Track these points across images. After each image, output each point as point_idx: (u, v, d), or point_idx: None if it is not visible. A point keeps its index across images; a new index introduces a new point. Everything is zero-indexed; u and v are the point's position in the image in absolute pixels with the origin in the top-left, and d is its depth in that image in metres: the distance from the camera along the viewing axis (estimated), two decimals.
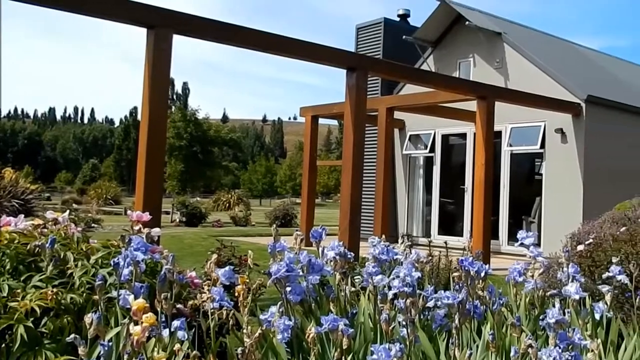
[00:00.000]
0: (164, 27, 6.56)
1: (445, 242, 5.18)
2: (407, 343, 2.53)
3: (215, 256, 3.19)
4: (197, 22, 7.10)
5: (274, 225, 3.50)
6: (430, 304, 3.07)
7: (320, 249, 3.40)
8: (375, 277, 3.05)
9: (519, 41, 13.75)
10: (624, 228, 4.88)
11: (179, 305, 2.87)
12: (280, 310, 2.79)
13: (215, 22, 7.29)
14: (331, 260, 3.30)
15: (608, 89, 14.07)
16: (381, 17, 16.22)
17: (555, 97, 11.93)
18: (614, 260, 3.58)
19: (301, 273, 3.05)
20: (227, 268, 2.98)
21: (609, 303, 3.29)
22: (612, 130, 12.73)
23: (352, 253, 3.46)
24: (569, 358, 2.37)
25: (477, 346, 2.83)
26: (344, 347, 2.45)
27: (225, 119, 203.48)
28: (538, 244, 12.96)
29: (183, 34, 6.96)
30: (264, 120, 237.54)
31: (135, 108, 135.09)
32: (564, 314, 2.87)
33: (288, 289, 2.90)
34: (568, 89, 12.31)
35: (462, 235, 13.01)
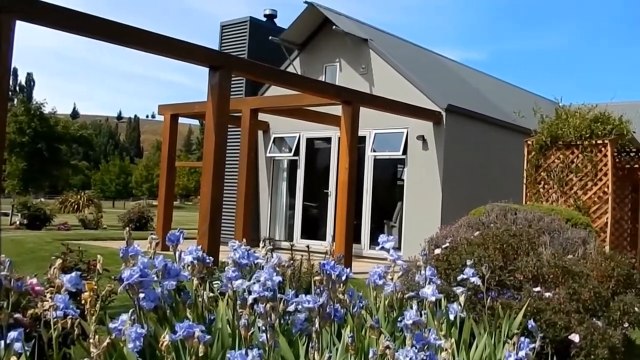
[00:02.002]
0: (4, 11, 6.12)
1: (308, 246, 5.27)
2: (267, 348, 2.55)
3: (59, 261, 3.03)
4: (40, 7, 6.68)
5: (127, 229, 3.38)
6: (291, 308, 3.11)
7: (178, 253, 3.33)
8: (235, 281, 3.03)
9: (385, 48, 14.33)
10: (477, 232, 5.24)
11: (16, 315, 2.69)
12: (132, 317, 2.70)
13: (62, 8, 6.88)
14: (188, 265, 3.24)
15: (467, 99, 15.05)
16: (247, 16, 16.21)
17: (418, 104, 12.56)
18: (468, 262, 3.83)
19: (156, 278, 2.97)
20: (73, 274, 2.84)
21: (462, 304, 3.52)
22: (470, 139, 13.63)
23: (211, 257, 3.43)
24: (424, 358, 2.49)
25: (337, 349, 2.90)
26: (200, 354, 2.42)
27: (75, 114, 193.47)
28: (398, 248, 13.45)
29: (26, 19, 6.53)
30: (119, 117, 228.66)
31: None
32: (421, 315, 3.03)
33: (141, 295, 2.81)
34: (430, 98, 13.01)
35: (325, 239, 13.30)
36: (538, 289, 4.24)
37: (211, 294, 3.31)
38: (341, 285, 3.19)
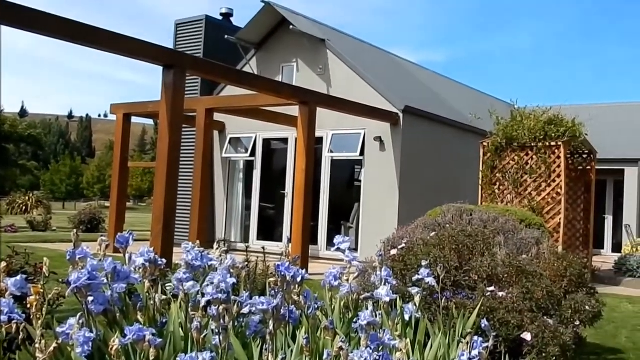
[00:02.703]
0: None
1: (263, 248, 5.26)
2: (220, 351, 2.53)
3: (4, 264, 2.95)
4: None
5: (75, 230, 3.31)
6: (246, 310, 3.09)
7: (128, 255, 3.28)
8: (186, 283, 3.00)
9: (343, 49, 14.40)
10: (433, 233, 5.31)
11: None
12: (81, 321, 2.65)
13: (13, 4, 6.72)
14: (140, 267, 3.19)
15: (424, 101, 15.23)
16: (203, 14, 16.10)
17: (375, 106, 12.66)
18: (423, 263, 3.87)
19: (106, 281, 2.92)
20: (18, 277, 2.77)
21: (417, 304, 3.56)
22: (427, 140, 13.80)
23: (164, 259, 3.38)
24: (378, 358, 2.51)
25: (292, 350, 2.90)
26: (152, 358, 2.39)
27: (23, 113, 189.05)
28: (355, 249, 13.54)
29: None
30: (70, 116, 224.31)
31: None
32: (376, 316, 3.04)
33: (90, 298, 2.76)
34: (387, 99, 13.12)
35: (281, 241, 13.29)
36: (492, 288, 4.31)
37: (164, 297, 3.27)
38: (296, 286, 3.19)
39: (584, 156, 12.31)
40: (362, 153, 13.26)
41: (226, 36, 14.70)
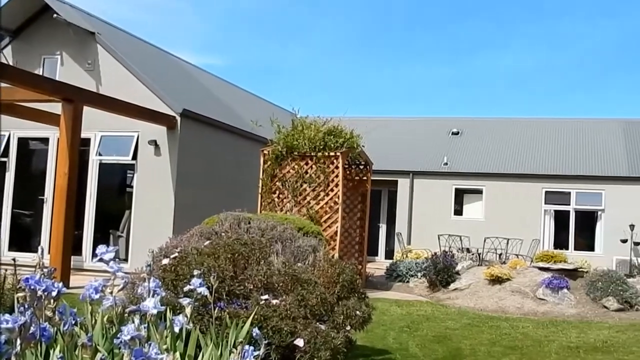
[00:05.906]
0: None
1: (14, 259, 4.87)
2: None
3: None
4: None
5: None
6: None
7: None
8: None
9: (116, 45, 13.88)
10: (208, 242, 5.32)
11: None
12: None
13: None
14: None
15: (205, 105, 15.24)
16: None
17: (151, 107, 12.39)
18: (196, 273, 3.85)
19: None
20: None
21: (189, 315, 3.52)
22: (207, 146, 13.82)
23: None
24: None
25: None
26: None
27: None
28: (125, 259, 13.08)
29: None
30: None
31: None
32: (143, 329, 2.96)
33: None
34: (164, 101, 12.91)
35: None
36: (266, 296, 4.43)
37: None
38: (51, 301, 3.00)
39: (361, 167, 13.20)
40: (134, 157, 12.89)
41: None
